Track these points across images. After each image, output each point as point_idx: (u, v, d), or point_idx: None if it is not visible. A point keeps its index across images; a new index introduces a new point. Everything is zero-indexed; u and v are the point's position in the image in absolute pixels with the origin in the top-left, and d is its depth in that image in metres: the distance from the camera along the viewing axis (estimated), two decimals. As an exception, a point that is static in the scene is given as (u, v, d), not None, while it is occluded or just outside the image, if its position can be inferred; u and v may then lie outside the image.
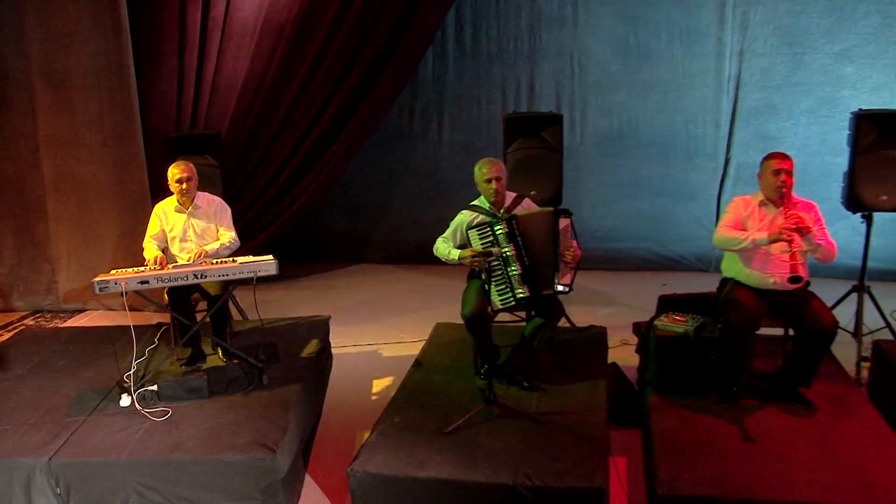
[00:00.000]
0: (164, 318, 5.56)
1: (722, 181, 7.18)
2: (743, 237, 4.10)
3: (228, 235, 4.70)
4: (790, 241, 3.87)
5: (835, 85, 6.78)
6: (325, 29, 6.47)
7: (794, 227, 3.90)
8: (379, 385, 5.18)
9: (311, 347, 4.96)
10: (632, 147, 7.23)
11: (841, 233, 5.22)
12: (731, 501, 3.30)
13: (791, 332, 4.27)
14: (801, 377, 4.07)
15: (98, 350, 5.08)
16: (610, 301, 6.66)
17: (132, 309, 6.60)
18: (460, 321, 4.34)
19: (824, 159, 6.67)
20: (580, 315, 5.75)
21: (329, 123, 6.76)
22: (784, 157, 4.11)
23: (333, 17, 6.43)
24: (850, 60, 6.73)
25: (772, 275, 4.10)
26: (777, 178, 4.05)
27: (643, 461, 4.03)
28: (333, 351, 5.38)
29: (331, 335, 5.34)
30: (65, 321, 6.68)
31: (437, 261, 4.53)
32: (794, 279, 3.88)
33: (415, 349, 5.08)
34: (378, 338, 6.00)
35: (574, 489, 3.38)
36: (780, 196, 4.07)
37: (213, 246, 4.60)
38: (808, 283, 4.13)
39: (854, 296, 5.45)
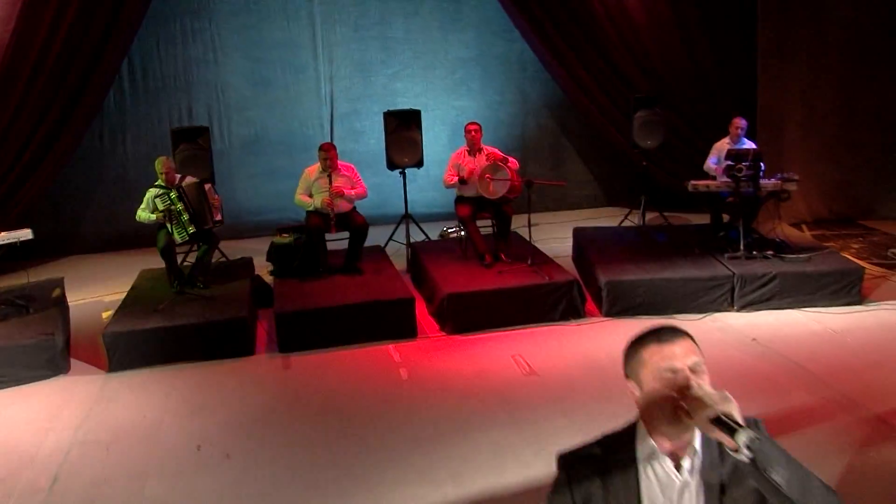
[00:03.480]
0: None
1: (332, 165, 10.52)
2: (309, 203, 7.40)
3: None
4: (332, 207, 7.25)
5: (392, 95, 10.37)
6: (25, 78, 8.70)
7: (336, 195, 7.28)
8: (106, 314, 7.72)
9: (56, 292, 7.46)
10: (266, 146, 10.29)
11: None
12: (310, 309, 6.59)
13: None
14: (355, 257, 7.49)
15: None
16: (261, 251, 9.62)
17: None
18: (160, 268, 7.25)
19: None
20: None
21: (38, 147, 8.98)
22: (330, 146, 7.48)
23: (31, 69, 8.66)
24: (399, 79, 10.44)
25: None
26: (323, 162, 7.41)
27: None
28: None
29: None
30: None
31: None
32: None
33: (128, 290, 7.73)
34: (100, 293, 8.47)
35: (229, 320, 6.46)
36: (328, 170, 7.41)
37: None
38: (354, 208, 7.56)
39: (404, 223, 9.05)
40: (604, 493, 1.78)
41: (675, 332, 1.79)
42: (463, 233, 9.20)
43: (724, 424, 1.58)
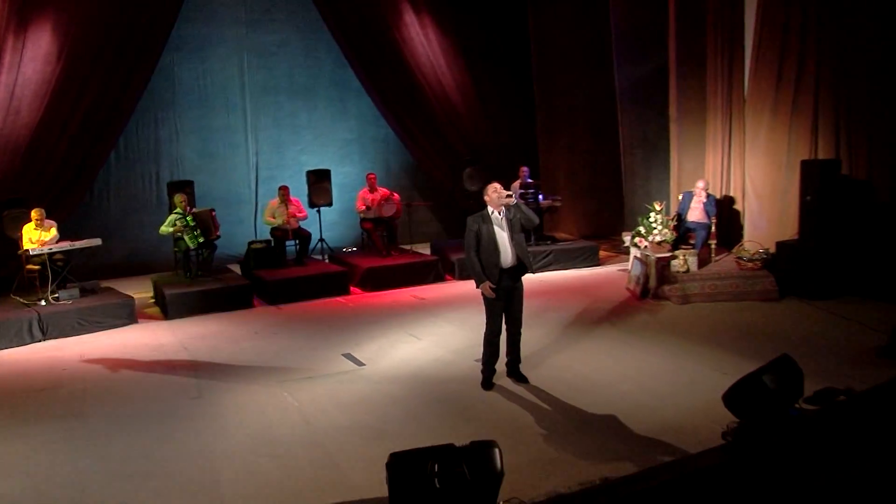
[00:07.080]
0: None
1: (255, 213, 14.83)
2: (274, 222, 11.90)
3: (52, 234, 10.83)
4: (289, 224, 11.80)
5: (300, 165, 14.74)
6: (46, 150, 12.46)
7: (290, 216, 11.84)
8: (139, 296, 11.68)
9: (104, 284, 11.38)
10: (211, 201, 13.97)
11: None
12: (286, 278, 11.02)
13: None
14: (303, 254, 11.97)
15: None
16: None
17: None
18: (167, 273, 11.45)
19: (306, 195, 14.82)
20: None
21: (53, 198, 12.78)
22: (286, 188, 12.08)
23: (53, 143, 12.49)
24: (304, 154, 15.05)
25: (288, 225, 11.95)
26: (281, 197, 11.96)
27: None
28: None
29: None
30: None
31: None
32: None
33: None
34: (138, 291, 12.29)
35: (240, 285, 10.78)
36: (285, 201, 11.94)
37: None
38: (300, 226, 12.10)
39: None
40: (481, 222, 6.68)
41: (491, 181, 6.70)
42: (358, 249, 13.94)
43: (509, 198, 6.51)
